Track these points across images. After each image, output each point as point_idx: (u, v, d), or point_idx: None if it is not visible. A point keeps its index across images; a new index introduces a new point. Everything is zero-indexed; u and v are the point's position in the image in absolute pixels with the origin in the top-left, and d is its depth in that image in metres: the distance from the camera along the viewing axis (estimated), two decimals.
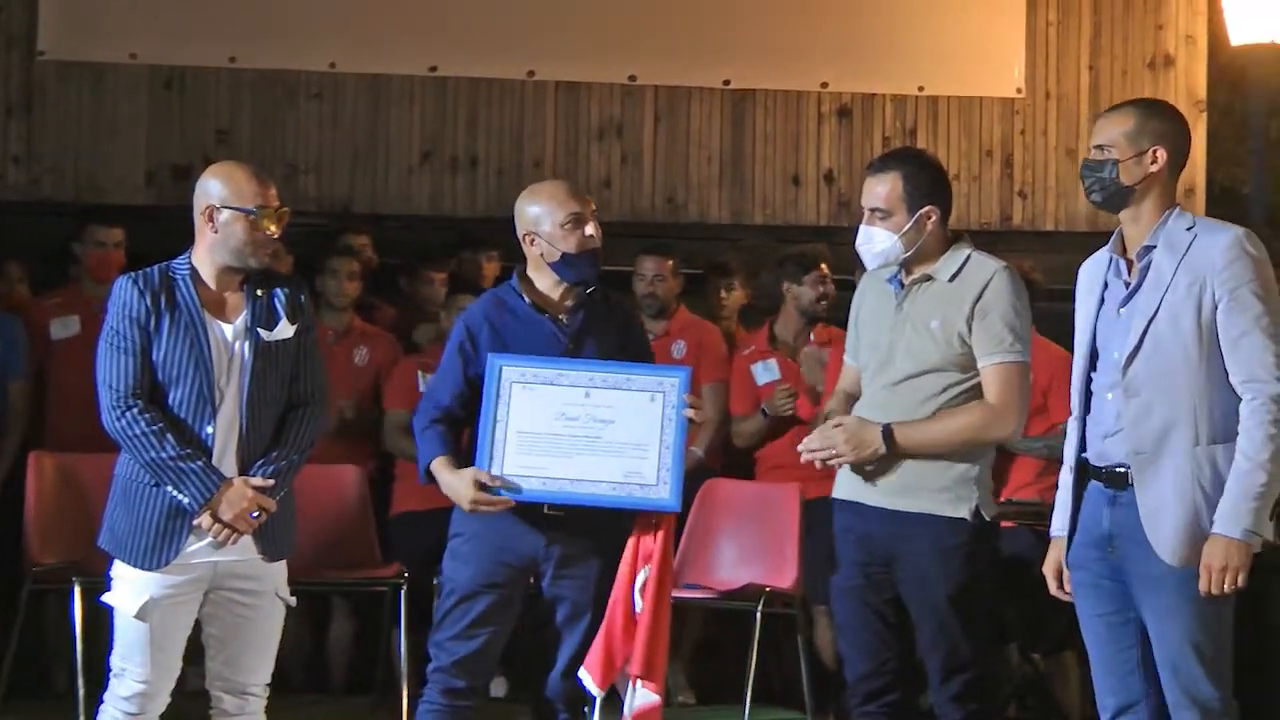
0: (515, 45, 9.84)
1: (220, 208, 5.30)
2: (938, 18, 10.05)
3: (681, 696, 7.96)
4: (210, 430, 5.26)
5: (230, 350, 5.30)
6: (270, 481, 5.28)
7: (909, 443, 5.39)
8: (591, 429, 5.60)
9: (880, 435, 5.40)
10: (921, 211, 5.46)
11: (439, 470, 5.63)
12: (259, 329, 5.33)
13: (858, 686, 5.56)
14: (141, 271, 5.35)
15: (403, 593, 7.44)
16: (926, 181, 5.52)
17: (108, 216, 8.56)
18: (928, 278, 5.50)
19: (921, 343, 5.45)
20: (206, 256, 5.34)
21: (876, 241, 5.50)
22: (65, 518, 7.25)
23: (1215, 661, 4.82)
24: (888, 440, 5.39)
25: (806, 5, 10.01)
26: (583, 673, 5.65)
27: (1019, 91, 10.15)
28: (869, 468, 5.48)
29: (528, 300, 5.73)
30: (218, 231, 5.31)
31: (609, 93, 9.97)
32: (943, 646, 5.43)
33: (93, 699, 5.69)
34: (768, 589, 7.24)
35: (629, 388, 5.63)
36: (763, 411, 8.01)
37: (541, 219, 5.68)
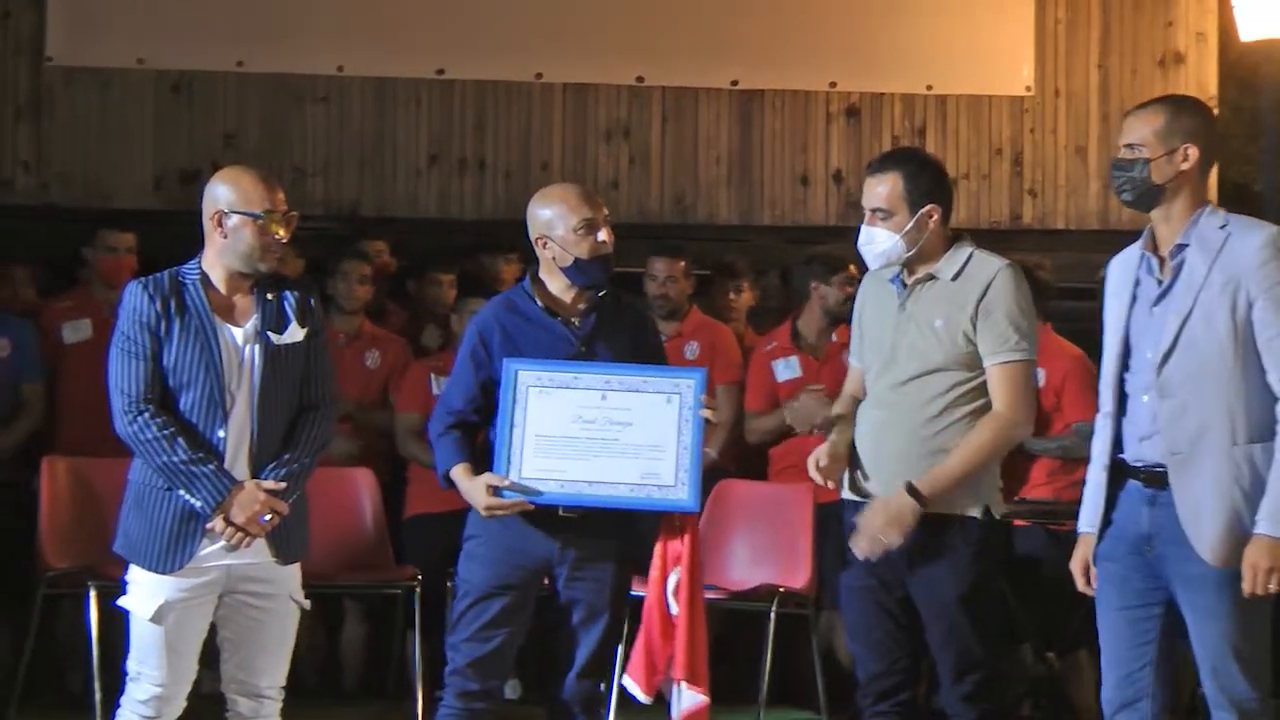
0: (522, 47, 9.85)
1: (229, 213, 5.30)
2: (946, 17, 10.05)
3: None
4: (222, 434, 5.26)
5: (240, 354, 5.30)
6: (282, 484, 5.28)
7: (938, 488, 5.34)
8: (609, 431, 5.59)
9: (909, 498, 5.34)
10: (923, 211, 5.45)
11: (458, 477, 5.63)
12: (269, 333, 5.33)
13: (869, 686, 5.55)
14: (151, 277, 5.35)
15: (416, 595, 7.44)
16: (927, 181, 5.50)
17: (119, 221, 8.57)
18: (930, 277, 5.48)
19: (925, 342, 5.44)
20: (216, 261, 5.35)
21: (878, 242, 5.49)
22: (79, 522, 7.26)
23: (1253, 662, 4.82)
24: (917, 497, 5.34)
25: (814, 5, 10.02)
26: (627, 680, 5.68)
27: (1028, 90, 10.15)
28: (881, 468, 5.47)
29: (540, 303, 5.72)
30: (226, 236, 5.31)
31: (617, 94, 9.97)
32: (954, 646, 5.42)
33: (109, 703, 5.70)
34: (781, 589, 7.24)
35: (645, 389, 5.63)
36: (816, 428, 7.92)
37: (554, 223, 5.67)
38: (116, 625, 5.47)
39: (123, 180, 9.64)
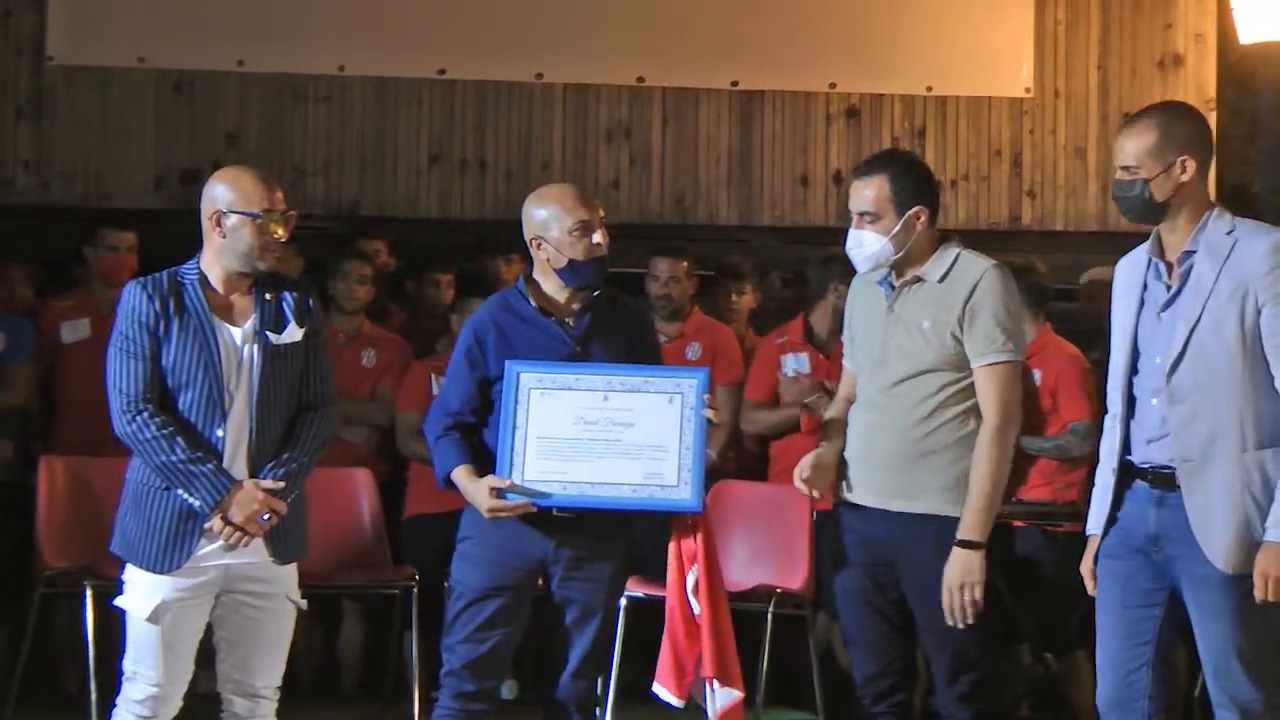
0: (523, 48, 9.85)
1: (227, 212, 5.31)
2: (946, 18, 10.05)
3: None
4: (220, 433, 5.26)
5: (239, 354, 5.30)
6: (280, 484, 5.28)
7: (981, 522, 5.33)
8: (611, 432, 5.58)
9: (966, 551, 5.32)
10: (910, 212, 5.45)
11: (460, 479, 5.62)
12: (268, 332, 5.33)
13: (865, 687, 5.56)
14: (150, 276, 5.36)
15: (414, 595, 7.43)
16: (914, 183, 5.50)
17: (120, 221, 8.56)
18: (918, 279, 5.48)
19: (914, 344, 5.44)
20: (215, 261, 5.35)
21: (867, 245, 5.48)
22: (76, 522, 7.25)
23: (1259, 664, 4.82)
24: (974, 546, 5.32)
25: (814, 6, 10.01)
26: (658, 687, 5.66)
27: (1028, 91, 10.15)
28: (873, 470, 5.48)
29: (533, 304, 5.71)
30: (225, 236, 5.31)
31: (617, 95, 9.97)
32: (948, 647, 5.42)
33: (105, 702, 5.68)
34: (779, 590, 7.24)
35: (647, 390, 5.62)
36: (805, 406, 7.91)
37: (549, 224, 5.66)
38: (113, 625, 5.48)
39: (124, 180, 9.64)
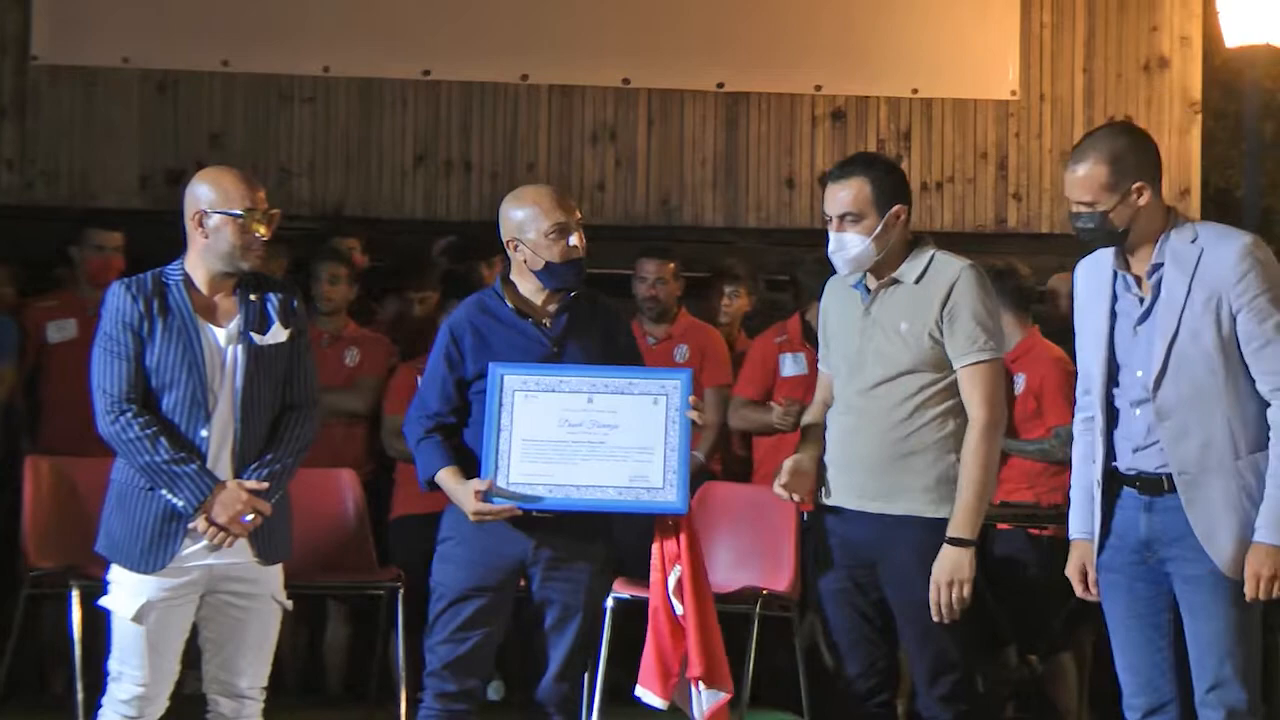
0: (508, 49, 9.86)
1: (209, 212, 5.31)
2: (932, 20, 10.08)
3: None
4: (205, 434, 5.27)
5: (223, 354, 5.31)
6: (264, 484, 5.29)
7: (970, 521, 5.32)
8: (595, 434, 5.58)
9: (957, 549, 5.31)
10: (891, 211, 5.44)
11: (445, 481, 5.62)
12: (251, 333, 5.34)
13: (850, 688, 5.56)
14: (135, 277, 5.37)
15: (399, 596, 7.42)
16: (893, 183, 5.50)
17: (105, 220, 8.54)
18: (894, 281, 5.48)
19: (891, 346, 5.43)
20: (198, 261, 5.36)
21: (850, 246, 5.46)
22: (62, 521, 7.21)
23: (1246, 665, 4.85)
24: (964, 544, 5.32)
25: (800, 8, 10.03)
26: (641, 690, 5.64)
27: (1013, 94, 10.18)
28: (852, 473, 5.48)
29: (510, 305, 5.71)
30: (208, 236, 5.32)
31: (602, 96, 9.99)
32: (929, 648, 5.42)
33: (91, 702, 5.67)
34: (765, 592, 7.23)
35: (631, 391, 5.61)
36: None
37: (526, 226, 5.65)
38: (99, 625, 5.47)
39: (108, 180, 9.64)
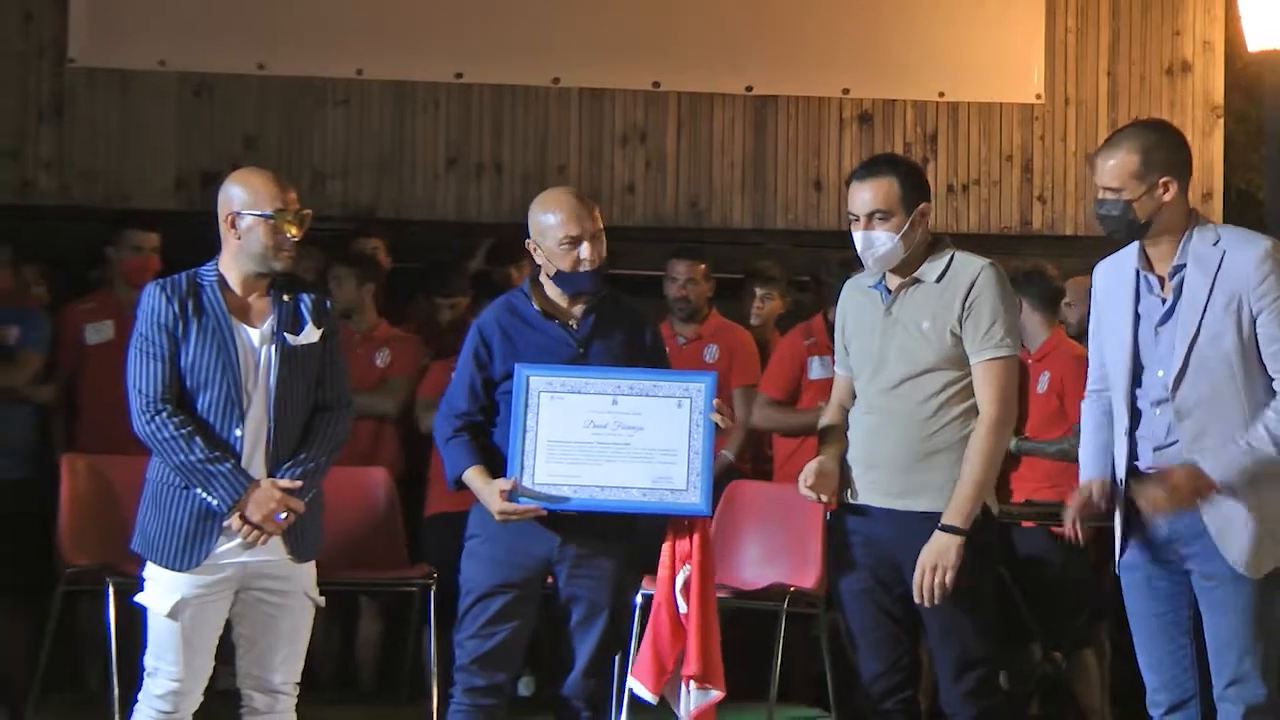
0: (540, 52, 9.90)
1: (241, 213, 5.37)
2: (958, 25, 10.10)
3: None
4: (239, 433, 5.33)
5: (256, 355, 5.37)
6: (298, 483, 5.35)
7: (966, 510, 5.35)
8: (620, 436, 5.62)
9: (948, 535, 5.34)
10: (917, 210, 5.48)
11: (472, 480, 5.69)
12: (285, 334, 5.40)
13: (873, 685, 5.59)
14: (169, 278, 5.43)
15: (431, 593, 7.46)
16: (916, 182, 5.54)
17: (141, 222, 8.58)
18: (916, 280, 5.51)
19: (914, 344, 5.47)
20: (232, 263, 5.42)
21: (879, 244, 5.48)
22: (98, 520, 7.27)
23: (1265, 658, 4.91)
24: (954, 531, 5.34)
25: (828, 13, 10.06)
26: (632, 681, 5.70)
27: (1038, 97, 10.20)
28: (877, 471, 5.52)
29: (537, 306, 5.77)
30: (240, 237, 5.38)
31: (633, 99, 10.02)
32: (953, 645, 5.45)
33: (127, 698, 5.74)
34: (791, 589, 7.26)
35: (656, 394, 5.65)
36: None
37: (545, 233, 5.72)
38: (135, 622, 5.53)
39: (144, 181, 9.68)
